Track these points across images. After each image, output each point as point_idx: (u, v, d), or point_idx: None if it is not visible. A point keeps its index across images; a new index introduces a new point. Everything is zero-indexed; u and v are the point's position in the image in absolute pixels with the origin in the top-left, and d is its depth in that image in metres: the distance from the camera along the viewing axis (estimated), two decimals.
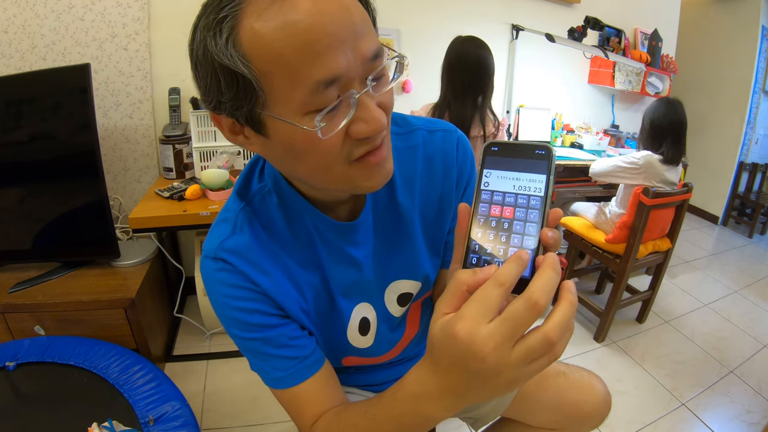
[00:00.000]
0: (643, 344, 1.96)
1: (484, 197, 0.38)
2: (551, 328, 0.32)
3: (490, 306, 0.32)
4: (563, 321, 0.32)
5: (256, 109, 0.42)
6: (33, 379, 1.19)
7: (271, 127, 0.44)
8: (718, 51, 3.43)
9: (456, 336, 0.32)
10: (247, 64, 0.39)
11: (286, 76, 0.40)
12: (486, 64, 1.65)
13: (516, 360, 0.32)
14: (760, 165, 3.43)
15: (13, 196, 1.48)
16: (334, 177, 0.47)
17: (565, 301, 0.33)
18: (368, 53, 0.42)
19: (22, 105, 1.40)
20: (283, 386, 0.57)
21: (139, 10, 1.75)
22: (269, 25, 0.38)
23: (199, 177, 1.72)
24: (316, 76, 0.39)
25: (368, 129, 0.43)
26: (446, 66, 1.69)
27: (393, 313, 0.69)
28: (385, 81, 0.46)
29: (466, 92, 1.65)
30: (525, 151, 0.38)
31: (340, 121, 0.42)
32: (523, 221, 0.37)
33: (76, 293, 1.41)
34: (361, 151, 0.46)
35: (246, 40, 0.39)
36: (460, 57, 1.65)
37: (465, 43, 1.68)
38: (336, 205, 0.58)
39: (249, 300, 0.55)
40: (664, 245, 1.94)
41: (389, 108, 0.48)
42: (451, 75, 1.67)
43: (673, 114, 1.77)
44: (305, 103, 0.41)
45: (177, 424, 1.06)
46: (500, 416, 0.83)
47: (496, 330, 0.31)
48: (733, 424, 1.53)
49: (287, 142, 0.44)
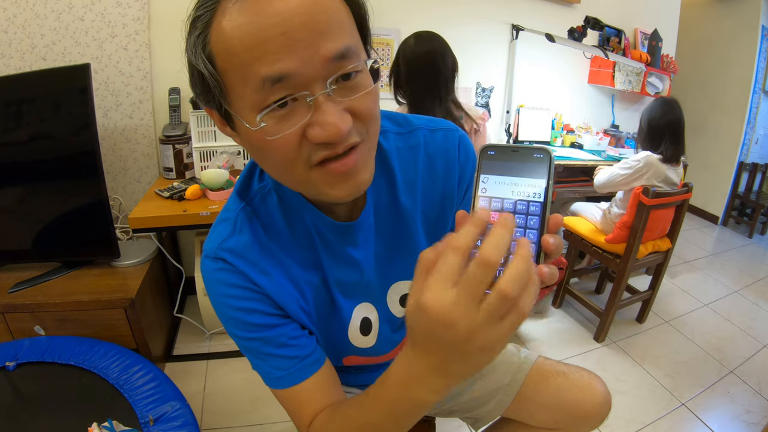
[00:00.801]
0: (643, 344, 1.96)
1: (482, 204, 0.37)
2: (505, 281, 0.31)
3: (449, 272, 0.32)
4: (515, 274, 0.31)
5: (224, 105, 0.45)
6: (33, 379, 1.19)
7: (236, 123, 0.45)
8: (718, 51, 3.43)
9: (425, 307, 0.32)
10: (207, 63, 0.42)
11: (239, 74, 0.41)
12: (434, 59, 1.45)
13: (482, 320, 0.32)
14: (760, 165, 3.43)
15: (13, 196, 1.47)
16: (295, 179, 0.48)
17: (517, 256, 0.32)
18: (329, 53, 0.41)
19: (22, 105, 1.40)
20: (283, 386, 0.57)
21: (139, 10, 1.75)
22: (230, 24, 0.40)
23: (199, 177, 1.72)
24: (262, 73, 0.40)
25: (323, 134, 0.42)
26: (398, 75, 1.51)
27: (395, 313, 0.69)
28: (357, 85, 0.44)
29: (424, 96, 1.47)
30: (523, 155, 0.37)
31: (294, 123, 0.42)
32: (522, 228, 0.36)
33: (76, 293, 1.41)
34: (320, 156, 0.44)
35: (213, 38, 0.42)
36: (409, 63, 1.47)
37: (413, 45, 1.48)
38: (336, 205, 0.58)
39: (249, 300, 0.55)
40: (664, 245, 1.94)
41: (364, 115, 0.45)
42: (408, 82, 1.49)
43: (671, 114, 1.77)
44: (255, 100, 0.42)
45: (177, 424, 1.06)
46: (500, 416, 0.83)
47: (458, 294, 0.31)
48: (733, 424, 1.53)
49: (246, 138, 0.46)
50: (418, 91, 1.49)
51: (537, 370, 0.79)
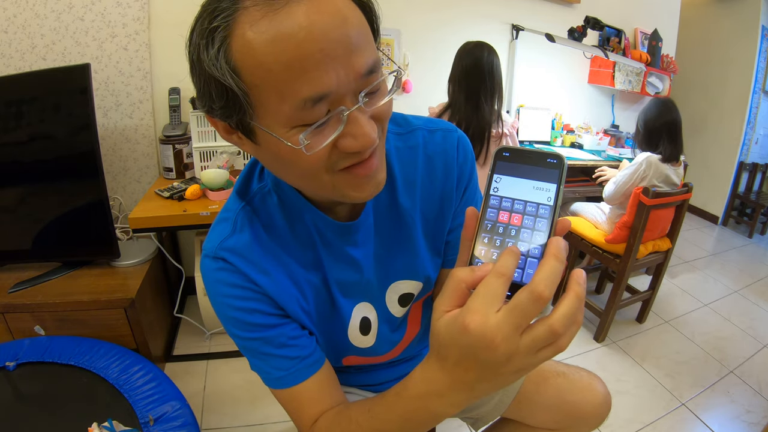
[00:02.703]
0: (643, 344, 1.96)
1: (493, 203, 0.38)
2: (557, 319, 0.33)
3: (495, 297, 0.33)
4: (568, 313, 0.33)
5: (245, 118, 0.42)
6: (33, 379, 1.19)
7: (260, 135, 0.44)
8: (718, 51, 3.43)
9: (467, 328, 0.33)
10: (236, 78, 0.39)
11: (275, 91, 0.39)
12: (499, 70, 1.72)
13: (524, 349, 0.33)
14: (760, 165, 3.43)
15: (13, 196, 1.47)
16: (319, 185, 0.47)
17: (572, 293, 0.34)
18: (362, 69, 0.41)
19: (22, 105, 1.40)
20: (283, 386, 0.57)
21: (139, 10, 1.75)
22: (260, 38, 0.38)
23: (199, 177, 1.72)
24: (304, 93, 0.39)
25: (357, 145, 0.43)
26: (461, 72, 1.72)
27: (394, 313, 0.69)
28: (381, 94, 0.45)
29: (481, 97, 1.69)
30: (537, 159, 0.38)
31: (328, 136, 0.42)
32: (530, 229, 0.36)
33: (76, 293, 1.41)
34: (347, 163, 0.45)
35: (237, 51, 0.39)
36: (477, 64, 1.68)
37: (477, 49, 1.71)
38: (336, 205, 0.58)
39: (249, 300, 0.55)
40: (664, 245, 1.94)
41: (384, 119, 0.47)
42: (468, 81, 1.70)
43: (666, 114, 1.77)
44: (292, 117, 0.41)
45: (177, 424, 1.06)
46: (500, 416, 0.83)
47: (504, 320, 0.32)
48: (733, 424, 1.53)
49: (274, 151, 0.44)
50: (484, 93, 1.71)
51: (537, 371, 0.79)
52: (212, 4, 0.40)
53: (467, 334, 0.33)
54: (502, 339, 0.32)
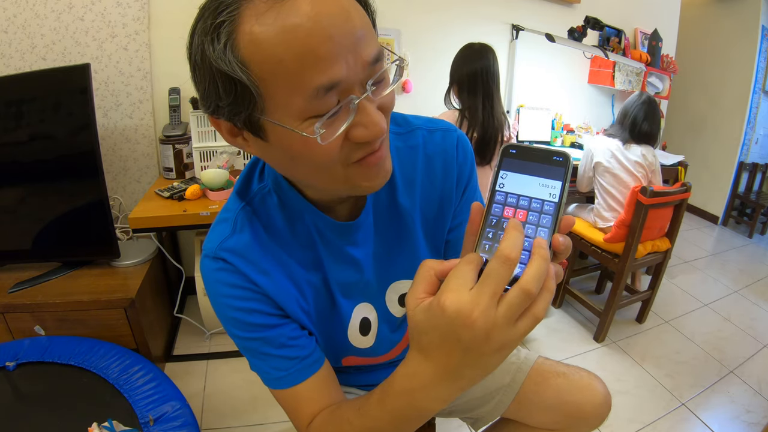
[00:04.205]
0: (643, 344, 1.96)
1: (498, 198, 0.38)
2: (526, 280, 0.33)
3: (467, 278, 0.34)
4: (536, 273, 0.33)
5: (254, 114, 0.42)
6: (33, 379, 1.19)
7: (269, 131, 0.44)
8: (718, 51, 3.43)
9: (443, 307, 0.34)
10: (245, 70, 0.39)
11: (286, 82, 0.39)
12: (498, 73, 1.72)
13: (502, 319, 0.33)
14: (760, 165, 3.43)
15: (13, 196, 1.48)
16: (332, 178, 0.47)
17: (536, 256, 0.34)
18: (369, 57, 0.42)
19: (22, 105, 1.40)
20: (282, 386, 0.57)
21: (139, 10, 1.75)
22: (268, 30, 0.38)
23: (199, 177, 1.72)
24: (316, 81, 0.39)
25: (368, 134, 0.43)
26: (472, 76, 1.68)
27: (394, 313, 0.69)
28: (385, 84, 0.46)
29: (495, 102, 1.70)
30: (543, 157, 0.38)
31: (339, 126, 0.42)
32: (535, 225, 0.37)
33: (76, 293, 1.41)
34: (360, 155, 0.46)
35: (244, 45, 0.38)
36: (489, 69, 1.68)
37: (485, 52, 1.70)
38: (336, 205, 0.58)
39: (249, 300, 0.55)
40: (663, 245, 1.94)
41: (389, 109, 0.48)
42: (483, 86, 1.68)
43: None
44: (305, 108, 0.40)
45: (177, 424, 1.06)
46: (500, 416, 0.83)
47: (478, 293, 0.33)
48: (733, 424, 1.53)
49: (286, 146, 0.44)
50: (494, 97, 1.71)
51: (537, 371, 0.79)
52: (215, 2, 0.40)
53: (444, 315, 0.34)
54: (480, 313, 0.32)
